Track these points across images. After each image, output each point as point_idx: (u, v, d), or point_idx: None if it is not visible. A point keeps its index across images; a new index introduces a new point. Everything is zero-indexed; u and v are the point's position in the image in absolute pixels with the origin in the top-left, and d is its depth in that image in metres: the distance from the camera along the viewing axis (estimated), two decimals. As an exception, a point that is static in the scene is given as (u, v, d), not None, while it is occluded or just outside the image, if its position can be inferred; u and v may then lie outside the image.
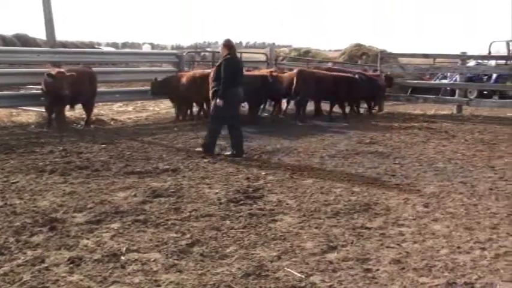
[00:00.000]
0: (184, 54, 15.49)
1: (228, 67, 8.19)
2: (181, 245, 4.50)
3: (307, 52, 33.05)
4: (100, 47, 38.29)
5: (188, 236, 4.75)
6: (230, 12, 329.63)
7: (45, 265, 4.05)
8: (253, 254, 4.37)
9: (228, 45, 8.42)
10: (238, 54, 10.56)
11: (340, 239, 4.71)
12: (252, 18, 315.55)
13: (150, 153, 8.39)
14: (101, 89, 13.98)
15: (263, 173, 7.15)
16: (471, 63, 19.43)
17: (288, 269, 4.05)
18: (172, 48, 54.60)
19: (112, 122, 12.05)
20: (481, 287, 3.78)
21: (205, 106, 12.21)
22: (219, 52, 11.00)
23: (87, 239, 4.65)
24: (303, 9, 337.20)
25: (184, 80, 12.03)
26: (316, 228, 5.01)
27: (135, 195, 6.00)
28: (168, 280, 3.85)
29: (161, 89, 12.20)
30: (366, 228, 5.03)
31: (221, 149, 8.68)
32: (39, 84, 10.43)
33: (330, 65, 21.23)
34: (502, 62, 20.22)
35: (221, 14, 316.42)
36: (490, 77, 19.33)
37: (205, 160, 7.91)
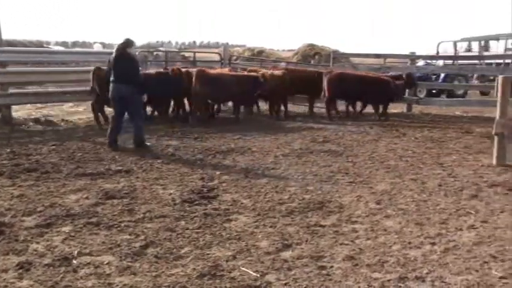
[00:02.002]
0: (136, 53, 15.27)
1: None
2: (135, 247, 4.45)
3: (260, 52, 33.18)
4: (49, 46, 37.30)
5: (142, 237, 4.69)
6: (184, 11, 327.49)
7: (-7, 271, 3.93)
8: (208, 254, 4.35)
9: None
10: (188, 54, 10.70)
11: (295, 237, 4.75)
12: (206, 18, 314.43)
13: (103, 155, 8.24)
14: (50, 89, 13.68)
15: (218, 173, 7.13)
16: (420, 63, 19.95)
17: (243, 268, 4.06)
18: (125, 47, 53.53)
19: (63, 123, 11.80)
20: (431, 280, 3.88)
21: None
22: (173, 51, 10.96)
23: (37, 243, 4.53)
24: (257, 9, 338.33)
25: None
26: (271, 227, 5.04)
27: (87, 198, 5.89)
28: (122, 283, 3.79)
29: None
30: (320, 226, 5.09)
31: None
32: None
33: (283, 64, 21.36)
34: (450, 61, 20.87)
35: (174, 13, 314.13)
36: (438, 76, 19.90)
37: (159, 161, 7.83)
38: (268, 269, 4.06)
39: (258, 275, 3.95)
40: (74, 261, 4.14)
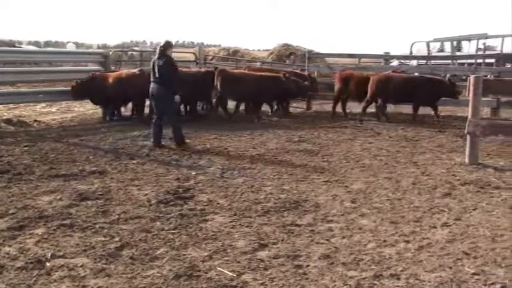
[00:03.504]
0: (110, 53, 15.15)
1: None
2: (110, 249, 4.40)
3: (236, 52, 33.12)
4: (21, 46, 36.67)
5: (117, 239, 4.65)
6: (158, 11, 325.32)
7: (-37, 275, 3.85)
8: (184, 254, 4.33)
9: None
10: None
11: (271, 237, 4.76)
12: (181, 17, 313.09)
13: (76, 156, 8.14)
14: (23, 89, 13.46)
15: (193, 173, 7.11)
16: (394, 62, 20.22)
17: (220, 269, 4.05)
18: (98, 47, 53.02)
19: (35, 124, 11.62)
20: (405, 278, 3.93)
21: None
22: (147, 51, 10.98)
23: (9, 246, 4.46)
24: (232, 8, 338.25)
25: (111, 80, 11.78)
26: (247, 226, 5.04)
27: (60, 199, 5.81)
28: (97, 285, 3.76)
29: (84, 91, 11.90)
30: (296, 225, 5.11)
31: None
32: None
33: (258, 64, 21.40)
34: (423, 61, 21.18)
35: (149, 13, 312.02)
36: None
37: (134, 161, 7.77)
38: (245, 269, 4.06)
39: (235, 275, 3.94)
40: (48, 264, 4.08)
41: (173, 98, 9.10)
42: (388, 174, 7.25)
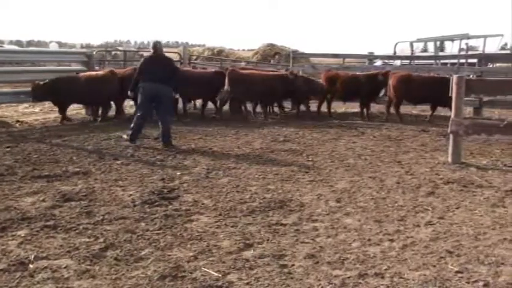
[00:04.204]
0: (94, 53, 15.04)
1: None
2: (94, 250, 4.37)
3: (220, 51, 33.09)
4: (2, 46, 36.26)
5: (101, 240, 4.61)
6: (143, 11, 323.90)
7: None
8: (169, 255, 4.31)
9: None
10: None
11: (256, 237, 4.76)
12: (165, 17, 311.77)
13: (59, 156, 8.07)
14: (5, 89, 13.30)
15: (178, 174, 7.08)
16: (378, 62, 20.35)
17: (205, 269, 4.04)
18: (82, 46, 52.72)
19: (17, 124, 11.50)
20: (390, 276, 3.95)
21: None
22: (131, 51, 10.99)
23: (-8, 248, 4.40)
24: (217, 8, 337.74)
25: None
26: (232, 226, 5.03)
27: (43, 200, 5.75)
28: (81, 287, 3.73)
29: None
30: (281, 224, 5.12)
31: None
32: None
33: (243, 64, 21.39)
34: (406, 61, 21.34)
35: (133, 13, 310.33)
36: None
37: (118, 162, 7.72)
38: (230, 269, 4.05)
39: (220, 275, 3.93)
40: (31, 266, 4.04)
41: (174, 98, 9.17)
42: (372, 173, 7.29)
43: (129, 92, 9.59)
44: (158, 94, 8.96)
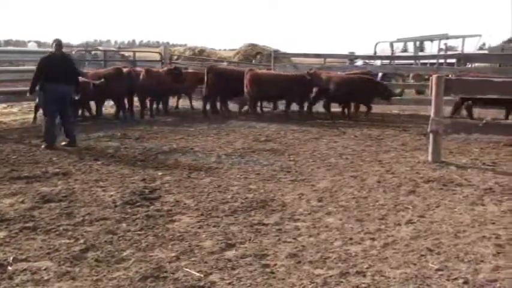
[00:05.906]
0: (73, 52, 14.91)
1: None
2: (74, 251, 4.32)
3: (201, 51, 32.95)
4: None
5: (82, 241, 4.56)
6: (123, 10, 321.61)
7: None
8: (151, 256, 4.29)
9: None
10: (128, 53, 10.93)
11: (238, 237, 4.75)
12: (146, 17, 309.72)
13: (39, 157, 7.98)
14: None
15: (160, 174, 7.04)
16: (359, 62, 20.47)
17: (187, 269, 4.02)
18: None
19: (-5, 125, 11.33)
20: (371, 275, 3.97)
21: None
22: (111, 51, 10.89)
23: (-31, 250, 4.33)
24: (198, 7, 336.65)
25: None
26: (214, 226, 5.02)
27: (22, 202, 5.68)
28: (61, 288, 3.68)
29: None
30: (263, 224, 5.12)
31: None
32: None
33: (225, 64, 21.34)
34: (387, 61, 21.51)
35: (113, 12, 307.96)
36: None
37: (98, 162, 7.65)
38: (212, 269, 4.04)
39: (202, 275, 3.92)
40: (10, 268, 3.98)
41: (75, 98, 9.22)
42: (353, 172, 7.33)
43: (27, 94, 9.45)
44: (63, 95, 8.83)
